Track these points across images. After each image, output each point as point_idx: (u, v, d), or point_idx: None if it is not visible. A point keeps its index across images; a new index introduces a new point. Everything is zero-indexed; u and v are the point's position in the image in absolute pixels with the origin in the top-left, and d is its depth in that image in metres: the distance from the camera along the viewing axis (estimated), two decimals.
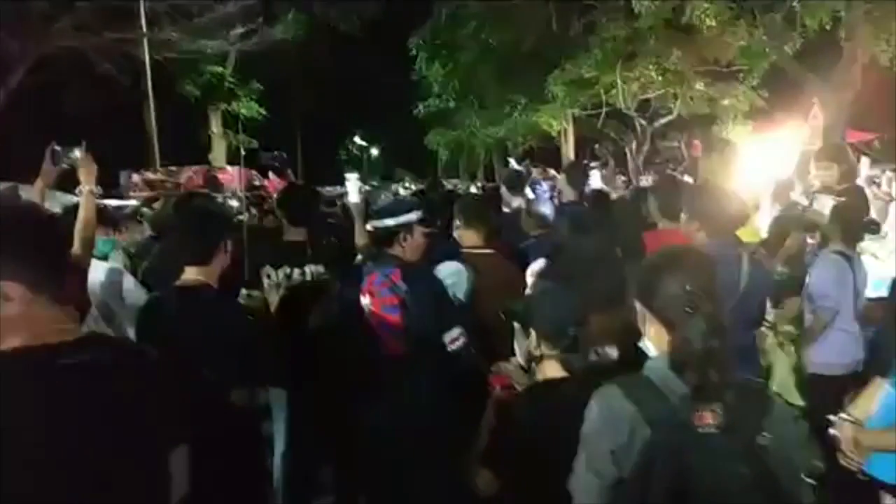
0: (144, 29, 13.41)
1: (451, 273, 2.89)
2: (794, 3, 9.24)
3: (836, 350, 3.21)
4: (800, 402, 3.21)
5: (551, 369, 2.01)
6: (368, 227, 2.73)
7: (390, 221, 2.66)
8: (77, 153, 2.73)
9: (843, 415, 2.19)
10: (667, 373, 1.42)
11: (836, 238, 3.30)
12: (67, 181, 2.96)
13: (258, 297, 2.74)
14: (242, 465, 2.25)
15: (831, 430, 2.16)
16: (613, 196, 4.77)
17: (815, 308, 3.23)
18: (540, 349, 2.01)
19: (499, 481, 1.96)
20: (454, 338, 2.54)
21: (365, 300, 2.60)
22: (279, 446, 3.22)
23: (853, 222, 3.35)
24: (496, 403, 2.14)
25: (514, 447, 1.93)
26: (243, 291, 2.72)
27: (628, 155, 14.18)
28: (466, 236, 3.24)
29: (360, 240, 3.40)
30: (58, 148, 2.73)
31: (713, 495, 1.34)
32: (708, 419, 1.35)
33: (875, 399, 2.23)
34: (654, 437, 1.37)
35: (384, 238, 2.67)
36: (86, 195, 2.70)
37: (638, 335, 1.65)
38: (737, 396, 1.38)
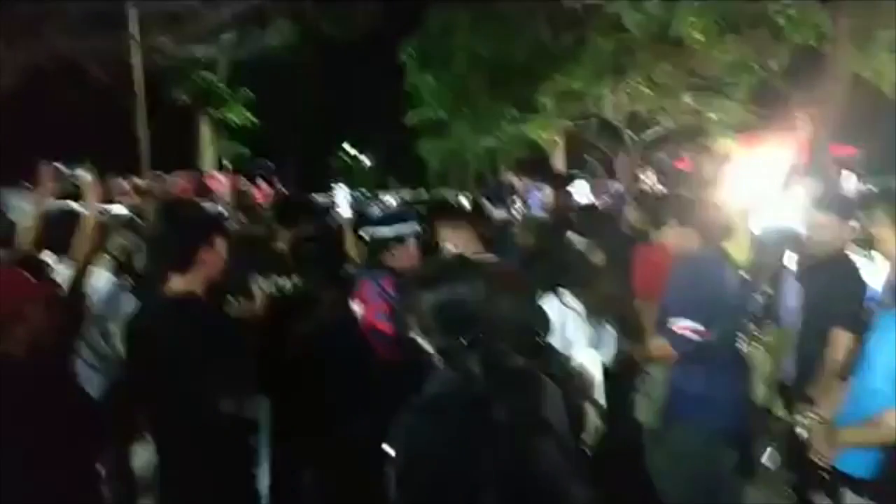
0: (136, 35, 13.38)
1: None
2: (780, 20, 9.39)
3: None
4: (780, 411, 3.23)
5: None
6: (362, 234, 2.75)
7: (385, 231, 2.68)
8: (81, 171, 2.75)
9: (810, 414, 2.25)
10: None
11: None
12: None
13: (245, 304, 2.74)
14: (227, 476, 2.24)
15: (798, 430, 2.21)
16: (598, 205, 4.82)
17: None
18: None
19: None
20: None
21: (357, 307, 2.61)
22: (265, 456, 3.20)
23: None
24: None
25: None
26: (230, 298, 2.72)
27: (616, 167, 14.26)
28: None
29: (350, 249, 3.41)
30: (61, 166, 2.74)
31: None
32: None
33: (839, 396, 2.26)
34: None
35: (377, 247, 2.69)
36: (89, 213, 2.71)
37: None
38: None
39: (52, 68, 11.73)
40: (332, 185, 3.46)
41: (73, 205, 3.16)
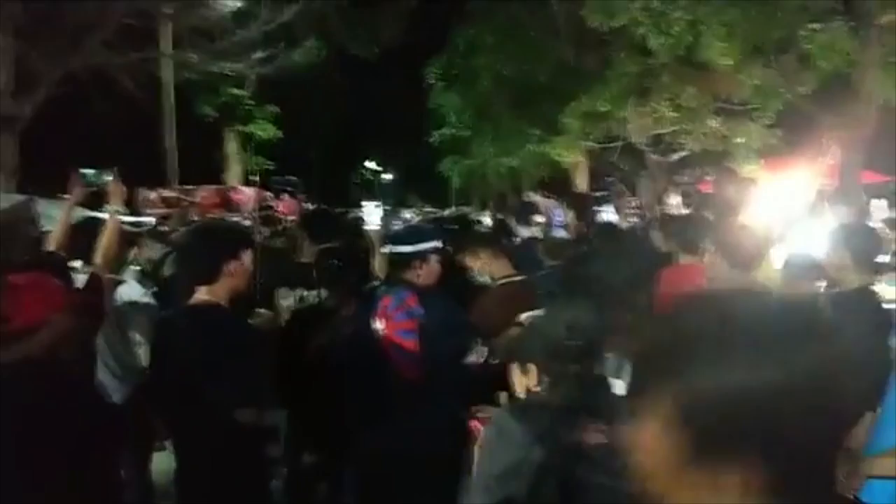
0: (168, 49, 13.70)
1: None
2: (809, 46, 9.30)
3: None
4: None
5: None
6: (385, 251, 2.75)
7: (408, 248, 2.68)
8: (107, 177, 2.83)
9: None
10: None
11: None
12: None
13: (270, 316, 2.76)
14: (245, 484, 2.24)
15: None
16: (623, 227, 4.78)
17: None
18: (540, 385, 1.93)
19: None
20: (479, 355, 2.57)
21: (378, 324, 2.60)
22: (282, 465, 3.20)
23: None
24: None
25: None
26: (257, 311, 2.74)
27: (639, 189, 14.20)
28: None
29: (378, 265, 3.42)
30: (86, 171, 2.83)
31: None
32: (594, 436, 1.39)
33: (866, 427, 2.22)
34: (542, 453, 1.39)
35: (400, 263, 2.69)
36: (112, 216, 2.78)
37: None
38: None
39: (84, 81, 12.01)
40: (365, 201, 3.50)
41: (97, 214, 3.23)
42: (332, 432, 2.90)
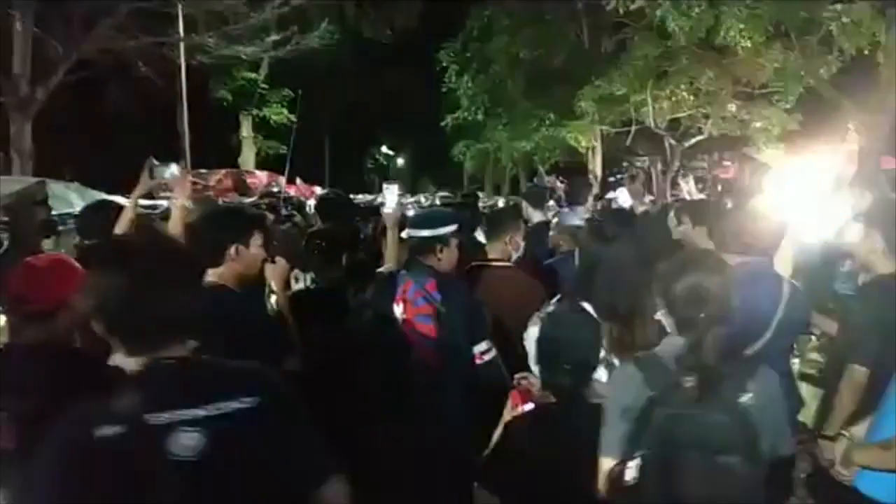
0: (182, 33, 13.69)
1: None
2: (832, 27, 9.09)
3: None
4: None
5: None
6: (404, 235, 2.72)
7: (427, 232, 2.65)
8: (173, 169, 2.90)
9: (843, 431, 2.29)
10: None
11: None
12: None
13: (282, 297, 2.74)
14: None
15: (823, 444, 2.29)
16: (638, 211, 4.71)
17: None
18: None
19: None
20: (483, 351, 2.54)
21: (398, 308, 2.59)
22: None
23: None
24: (505, 423, 2.11)
25: (509, 470, 1.91)
26: (269, 293, 2.73)
27: (654, 174, 14.04)
28: (491, 250, 3.23)
29: (391, 249, 3.41)
30: (155, 163, 2.91)
31: (699, 441, 1.56)
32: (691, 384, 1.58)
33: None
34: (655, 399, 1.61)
35: (420, 248, 2.66)
36: (179, 207, 2.88)
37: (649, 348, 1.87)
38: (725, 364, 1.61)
39: (100, 66, 12.06)
40: (385, 183, 3.46)
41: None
42: (346, 415, 2.89)
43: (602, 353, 2.09)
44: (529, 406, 2.07)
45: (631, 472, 1.57)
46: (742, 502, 1.54)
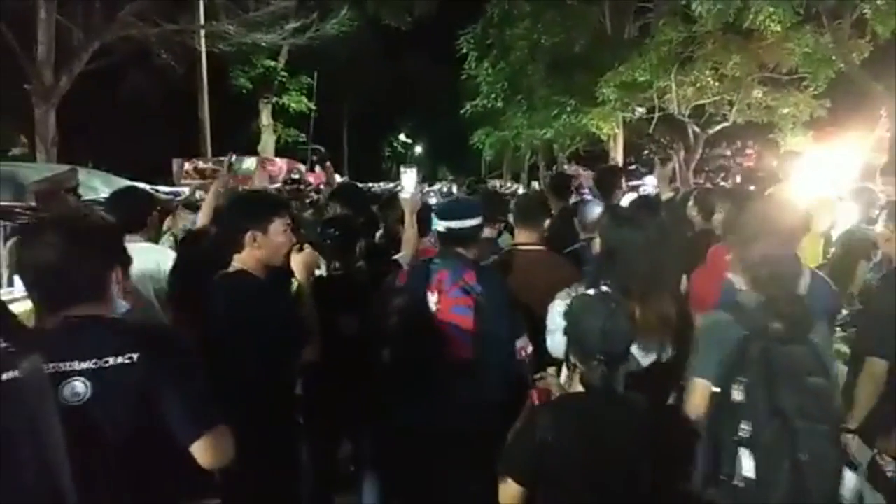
0: (202, 20, 13.71)
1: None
2: (866, 10, 8.81)
3: None
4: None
5: (577, 384, 2.00)
6: (440, 227, 2.65)
7: (469, 223, 2.61)
8: (251, 164, 3.01)
9: None
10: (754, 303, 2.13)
11: None
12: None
13: (304, 284, 2.71)
14: (272, 445, 2.26)
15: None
16: (663, 197, 4.63)
17: None
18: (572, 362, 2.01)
19: (522, 490, 1.94)
20: (523, 346, 2.52)
21: (432, 298, 2.54)
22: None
23: None
24: (528, 413, 2.08)
25: (529, 458, 1.91)
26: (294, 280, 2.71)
27: (677, 161, 13.83)
28: (522, 236, 3.21)
29: (408, 234, 3.37)
30: (234, 157, 3.10)
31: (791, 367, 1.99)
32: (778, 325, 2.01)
33: None
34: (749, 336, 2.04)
35: (458, 238, 2.62)
36: (213, 192, 3.28)
37: (673, 330, 2.36)
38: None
39: (121, 53, 12.13)
40: (402, 167, 3.47)
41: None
42: (371, 402, 2.85)
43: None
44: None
45: (738, 393, 1.96)
46: (830, 411, 1.96)
